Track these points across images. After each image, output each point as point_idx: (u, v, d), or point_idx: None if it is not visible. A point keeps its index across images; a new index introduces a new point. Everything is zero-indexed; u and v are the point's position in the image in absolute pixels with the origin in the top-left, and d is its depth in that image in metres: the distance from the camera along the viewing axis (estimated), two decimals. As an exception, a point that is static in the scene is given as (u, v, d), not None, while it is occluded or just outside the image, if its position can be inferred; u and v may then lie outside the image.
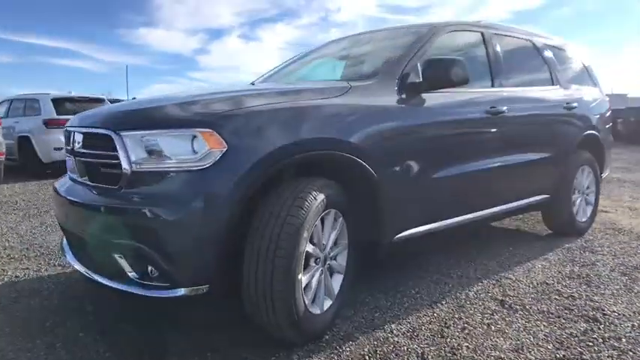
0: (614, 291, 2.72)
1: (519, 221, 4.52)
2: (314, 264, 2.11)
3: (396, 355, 2.02)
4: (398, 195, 2.40)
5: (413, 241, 2.62)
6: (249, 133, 1.92)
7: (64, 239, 2.73)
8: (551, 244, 3.72)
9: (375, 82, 2.47)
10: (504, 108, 3.05)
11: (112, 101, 10.19)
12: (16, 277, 3.10)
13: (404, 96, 2.50)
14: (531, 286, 2.82)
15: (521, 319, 2.34)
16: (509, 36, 3.50)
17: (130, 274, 1.93)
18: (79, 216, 2.16)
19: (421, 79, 2.55)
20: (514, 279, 2.94)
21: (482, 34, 3.25)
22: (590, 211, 4.12)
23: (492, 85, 3.16)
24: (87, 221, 2.07)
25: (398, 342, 2.13)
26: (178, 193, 1.83)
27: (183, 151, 1.87)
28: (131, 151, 1.91)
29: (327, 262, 2.21)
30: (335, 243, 2.25)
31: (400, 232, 2.52)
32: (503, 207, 3.23)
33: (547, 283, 2.85)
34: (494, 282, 2.89)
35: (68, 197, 2.24)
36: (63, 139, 2.67)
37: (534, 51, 3.73)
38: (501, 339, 2.14)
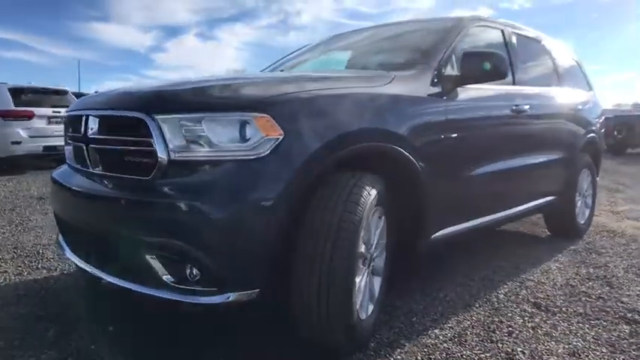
0: (638, 292, 2.70)
1: (516, 223, 4.52)
2: (362, 265, 1.94)
3: (453, 363, 1.88)
4: (438, 192, 2.27)
5: (446, 240, 2.51)
6: (306, 119, 1.73)
7: (60, 236, 2.43)
8: (555, 246, 3.72)
9: (415, 73, 2.34)
10: (526, 107, 3.00)
11: (77, 94, 9.58)
12: (-4, 281, 2.75)
13: (441, 88, 2.38)
14: (556, 287, 2.77)
15: (563, 322, 2.27)
16: (524, 35, 3.47)
17: (164, 277, 1.69)
18: (96, 211, 1.88)
19: (459, 72, 2.44)
20: (536, 281, 2.88)
21: (502, 31, 3.19)
22: (588, 214, 4.17)
23: (513, 83, 3.11)
24: (109, 217, 1.81)
25: (449, 349, 1.99)
26: (229, 185, 1.61)
27: (232, 138, 1.65)
28: (169, 138, 1.67)
29: (372, 264, 2.05)
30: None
31: (437, 232, 2.39)
32: (522, 207, 3.18)
33: (571, 285, 2.81)
34: (518, 284, 2.82)
35: (80, 190, 1.97)
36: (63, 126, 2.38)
37: (544, 51, 3.72)
38: (552, 343, 2.05)
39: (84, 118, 2.02)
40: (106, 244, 1.87)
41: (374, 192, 1.87)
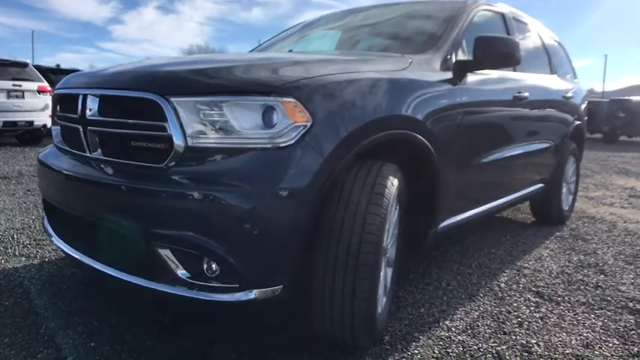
0: (632, 280, 2.77)
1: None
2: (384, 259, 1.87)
3: (472, 357, 1.86)
4: (449, 180, 2.23)
5: (452, 230, 2.48)
6: (335, 105, 1.62)
7: (47, 220, 2.26)
8: (541, 232, 3.78)
9: (429, 57, 2.25)
10: (526, 94, 2.98)
11: (36, 67, 8.98)
12: (-28, 271, 2.53)
13: (453, 73, 2.31)
14: (552, 275, 2.80)
15: (569, 312, 2.29)
16: (521, 21, 3.44)
17: (178, 272, 1.57)
18: (95, 199, 1.73)
19: (471, 57, 2.37)
20: (532, 269, 2.91)
21: (503, 15, 3.14)
22: (571, 200, 4.26)
23: (514, 70, 3.07)
24: (111, 206, 1.65)
25: (464, 341, 1.97)
26: (253, 175, 1.49)
27: (256, 124, 1.53)
28: (186, 122, 1.53)
29: (387, 255, 1.99)
30: (389, 234, 2.03)
31: (445, 221, 2.36)
32: (518, 194, 3.20)
33: (567, 273, 2.85)
34: (515, 272, 2.84)
35: (75, 175, 1.80)
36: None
37: (538, 39, 3.71)
38: (564, 334, 2.06)
39: (81, 97, 1.83)
40: (106, 234, 1.72)
41: (396, 182, 1.79)
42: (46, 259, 2.76)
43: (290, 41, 3.22)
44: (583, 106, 4.28)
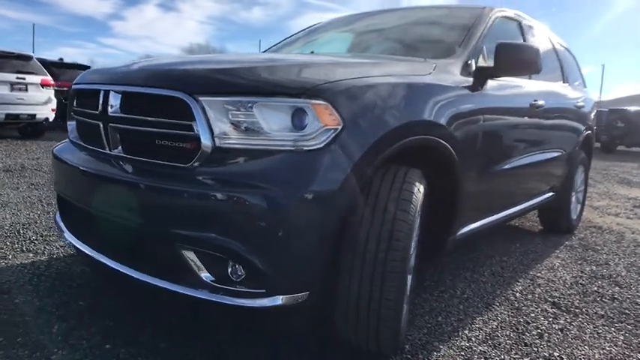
0: (646, 293, 2.75)
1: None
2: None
3: (495, 368, 1.83)
4: (469, 186, 2.20)
5: (468, 238, 2.45)
6: (365, 109, 1.59)
7: (60, 216, 2.21)
8: (550, 241, 3.76)
9: (452, 62, 2.22)
10: (542, 102, 2.96)
11: (39, 61, 8.90)
12: (-21, 266, 2.48)
13: (474, 79, 2.28)
14: (567, 286, 2.77)
15: (588, 324, 2.26)
16: (534, 28, 3.41)
17: (202, 275, 1.53)
18: (116, 197, 1.68)
19: (492, 64, 2.35)
20: (546, 278, 2.88)
21: (519, 23, 3.12)
22: (579, 210, 4.24)
23: (529, 77, 3.05)
24: (134, 205, 1.61)
25: (485, 352, 1.94)
26: (283, 178, 1.45)
27: (286, 126, 1.49)
28: (214, 122, 1.49)
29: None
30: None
31: (463, 228, 2.33)
32: (531, 203, 3.18)
33: (581, 284, 2.82)
34: (529, 281, 2.82)
35: (94, 172, 1.76)
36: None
37: (551, 46, 3.69)
38: (586, 348, 2.03)
39: (102, 93, 1.80)
40: (126, 233, 1.68)
41: (422, 188, 1.76)
42: (54, 256, 2.71)
43: (305, 43, 3.18)
44: (592, 115, 4.27)
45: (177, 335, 1.89)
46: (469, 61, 2.29)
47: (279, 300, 1.48)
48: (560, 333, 2.15)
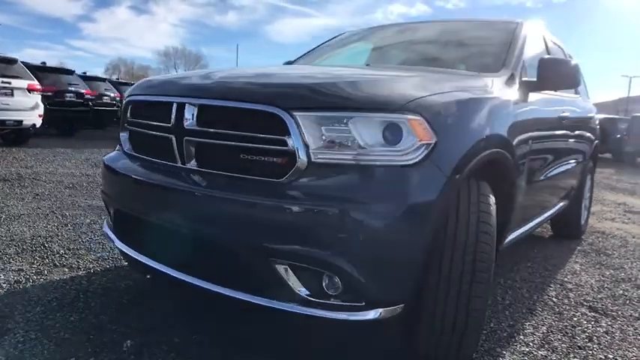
0: (669, 295, 2.89)
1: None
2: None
3: (561, 373, 1.90)
4: (520, 197, 2.27)
5: (513, 245, 2.53)
6: (454, 124, 1.64)
7: (108, 226, 2.18)
8: (564, 246, 3.90)
9: (505, 78, 2.29)
10: (568, 113, 3.08)
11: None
12: (14, 282, 2.40)
13: (521, 94, 2.36)
14: (595, 290, 2.89)
15: (628, 327, 2.37)
16: (551, 41, 3.55)
17: (298, 290, 1.53)
18: (199, 211, 1.66)
19: (535, 78, 2.44)
20: (574, 283, 2.99)
21: (543, 37, 3.24)
22: (586, 216, 4.40)
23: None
24: (222, 219, 1.60)
25: (546, 357, 2.01)
26: (381, 192, 1.48)
27: (381, 141, 1.52)
28: (309, 137, 1.51)
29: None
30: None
31: (509, 236, 2.40)
32: (554, 210, 3.29)
33: (607, 287, 2.94)
34: (559, 286, 2.92)
35: (169, 185, 1.74)
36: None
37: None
38: (635, 349, 2.13)
39: (175, 106, 1.78)
40: (207, 248, 1.67)
41: (493, 200, 1.82)
42: (91, 271, 2.65)
43: (338, 54, 3.22)
44: (597, 126, 4.45)
45: (247, 350, 1.89)
46: (515, 75, 2.37)
47: (377, 313, 1.50)
48: (606, 336, 2.24)
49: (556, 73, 2.41)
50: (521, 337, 2.18)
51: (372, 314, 1.50)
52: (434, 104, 1.60)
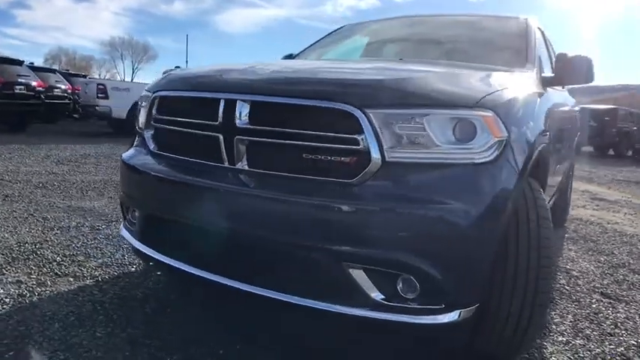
0: (665, 279, 3.06)
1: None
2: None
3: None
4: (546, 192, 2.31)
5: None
6: (521, 120, 1.63)
7: (126, 229, 2.04)
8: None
9: (529, 73, 2.31)
10: (567, 107, 3.18)
11: None
12: (17, 296, 2.18)
13: (542, 90, 2.40)
14: (598, 275, 3.02)
15: (642, 311, 2.49)
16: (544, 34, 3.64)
17: (372, 294, 1.47)
18: (258, 215, 1.55)
19: (552, 74, 2.49)
20: (577, 270, 3.11)
21: (542, 32, 3.31)
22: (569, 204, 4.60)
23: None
24: (288, 223, 1.50)
25: (584, 345, 2.06)
26: (461, 191, 1.44)
27: (455, 138, 1.48)
28: (383, 135, 1.45)
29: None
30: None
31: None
32: (554, 200, 3.39)
33: (608, 274, 3.08)
34: (565, 273, 3.03)
35: (222, 188, 1.63)
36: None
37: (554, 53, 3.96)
38: (659, 333, 2.23)
39: (223, 102, 1.66)
40: (273, 255, 1.58)
41: (544, 195, 1.84)
42: (99, 279, 2.46)
43: (346, 47, 3.15)
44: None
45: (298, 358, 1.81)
46: (536, 72, 2.41)
47: (457, 315, 1.47)
48: (629, 321, 2.34)
49: (573, 69, 2.46)
50: (553, 326, 2.22)
51: (452, 316, 1.46)
52: (504, 100, 1.59)
